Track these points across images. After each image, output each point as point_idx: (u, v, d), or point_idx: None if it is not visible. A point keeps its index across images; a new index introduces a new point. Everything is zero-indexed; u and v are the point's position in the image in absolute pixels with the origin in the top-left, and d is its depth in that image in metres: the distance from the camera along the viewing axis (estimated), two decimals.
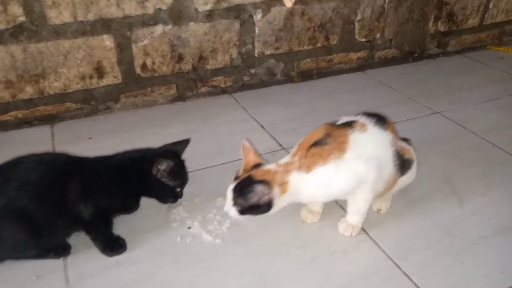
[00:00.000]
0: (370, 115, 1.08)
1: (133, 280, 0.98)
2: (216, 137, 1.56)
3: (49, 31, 1.46)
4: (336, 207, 1.22)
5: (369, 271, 1.03)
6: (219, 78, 1.83)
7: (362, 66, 2.12)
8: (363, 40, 2.07)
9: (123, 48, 1.59)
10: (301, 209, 1.17)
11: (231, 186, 1.01)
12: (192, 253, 1.06)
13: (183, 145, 1.18)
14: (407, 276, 1.02)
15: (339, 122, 1.08)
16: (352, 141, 1.01)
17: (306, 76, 2.00)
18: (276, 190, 0.98)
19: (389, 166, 1.05)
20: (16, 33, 1.42)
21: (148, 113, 1.71)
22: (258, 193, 0.96)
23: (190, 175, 1.17)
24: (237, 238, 1.11)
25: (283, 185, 0.99)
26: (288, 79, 1.97)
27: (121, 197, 1.08)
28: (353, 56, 2.09)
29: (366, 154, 1.01)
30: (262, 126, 1.64)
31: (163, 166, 1.08)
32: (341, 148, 1.00)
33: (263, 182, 0.97)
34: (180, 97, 1.79)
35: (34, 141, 1.50)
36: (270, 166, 1.02)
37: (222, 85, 1.85)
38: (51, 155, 1.05)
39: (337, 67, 2.07)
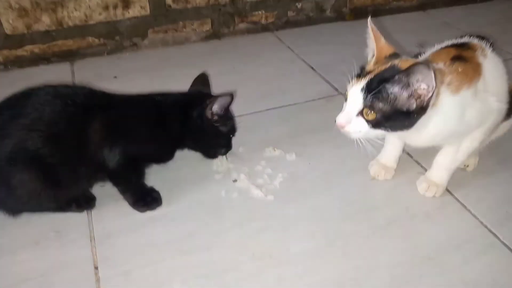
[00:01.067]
0: (478, 37, 0.84)
1: (169, 241, 0.81)
2: (259, 80, 1.34)
3: None
4: (411, 161, 1.01)
5: (460, 240, 0.82)
6: (260, 12, 1.58)
7: (423, 4, 1.83)
8: None
9: None
10: (370, 163, 0.96)
11: (358, 84, 0.73)
12: (239, 210, 0.88)
13: (205, 82, 1.00)
14: (508, 247, 0.81)
15: (449, 44, 0.86)
16: (482, 66, 0.79)
17: (360, 13, 1.72)
18: (439, 88, 0.71)
19: (504, 105, 0.83)
20: None
21: (180, 52, 1.49)
22: (419, 80, 0.68)
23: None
24: (293, 195, 0.91)
25: (437, 94, 0.72)
26: (339, 17, 1.71)
27: (156, 145, 0.89)
28: None
29: (491, 86, 0.78)
30: (312, 68, 1.40)
31: (220, 107, 0.90)
32: (478, 71, 0.78)
33: (426, 65, 0.68)
34: (215, 34, 1.56)
35: (53, 80, 1.30)
36: (419, 60, 0.76)
37: (263, 21, 1.61)
38: (70, 87, 0.86)
39: (396, 4, 1.79)
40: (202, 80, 1.00)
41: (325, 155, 1.02)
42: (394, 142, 0.93)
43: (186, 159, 0.98)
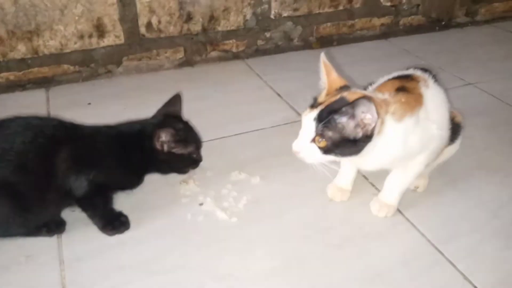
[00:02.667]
0: (422, 69, 0.93)
1: (137, 263, 0.85)
2: (228, 106, 1.41)
3: None
4: (366, 183, 1.08)
5: (408, 257, 0.89)
6: (231, 41, 1.66)
7: (385, 33, 1.95)
8: (389, 4, 1.88)
9: (126, 3, 1.42)
10: (328, 186, 1.03)
11: (311, 114, 0.80)
12: (205, 233, 0.93)
13: (177, 103, 1.03)
14: (451, 263, 0.88)
15: (395, 75, 0.93)
16: (424, 96, 0.87)
17: (326, 42, 1.82)
18: (383, 118, 0.78)
19: (446, 131, 0.91)
20: None
21: (153, 78, 1.55)
22: (364, 112, 0.75)
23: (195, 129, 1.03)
24: (255, 217, 0.97)
25: (381, 123, 0.79)
26: (306, 45, 1.80)
27: (120, 173, 0.93)
28: (377, 22, 1.90)
29: (432, 114, 0.87)
30: (278, 95, 1.48)
31: (166, 137, 0.93)
32: (420, 101, 0.85)
33: (368, 99, 0.75)
34: (188, 62, 1.63)
35: (28, 106, 1.35)
36: (365, 92, 0.83)
37: (234, 50, 1.68)
38: (40, 119, 0.90)
39: (359, 33, 1.89)
40: (175, 100, 1.03)
41: (287, 178, 1.09)
42: (348, 166, 1.01)
43: (154, 184, 1.02)
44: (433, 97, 0.91)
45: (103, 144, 0.91)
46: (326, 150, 0.80)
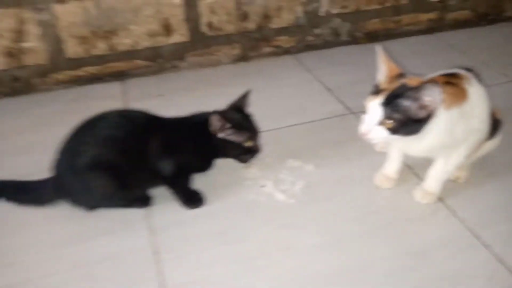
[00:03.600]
0: (465, 69, 1.03)
1: (211, 233, 1.02)
2: (280, 99, 1.54)
3: None
4: (411, 174, 1.19)
5: (446, 240, 1.01)
6: (282, 38, 1.79)
7: (431, 28, 2.00)
8: (435, 0, 1.94)
9: (190, 5, 1.58)
10: (375, 174, 1.16)
11: (375, 100, 0.90)
12: (266, 210, 1.09)
13: (245, 97, 1.15)
14: (486, 247, 0.99)
15: (441, 73, 1.03)
16: (468, 92, 0.97)
17: (372, 37, 1.91)
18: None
19: (486, 127, 1.01)
20: None
21: (213, 73, 1.71)
22: (432, 95, 0.85)
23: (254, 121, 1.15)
24: (310, 199, 1.11)
25: None
26: (353, 40, 1.90)
27: (197, 156, 1.10)
28: (423, 17, 1.97)
29: (474, 109, 0.97)
30: (328, 88, 1.60)
31: (216, 122, 1.05)
32: (465, 95, 0.95)
33: (434, 83, 0.85)
34: (243, 57, 1.77)
35: (107, 97, 1.55)
36: (421, 79, 0.93)
37: (285, 45, 1.81)
38: (133, 112, 1.08)
39: (406, 28, 1.96)
40: (243, 95, 1.15)
41: (337, 166, 1.22)
42: (395, 157, 1.12)
43: (223, 168, 1.18)
44: (475, 94, 1.00)
45: (183, 133, 1.07)
46: (393, 131, 0.90)
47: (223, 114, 1.06)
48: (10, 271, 0.94)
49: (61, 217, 1.05)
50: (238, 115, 1.11)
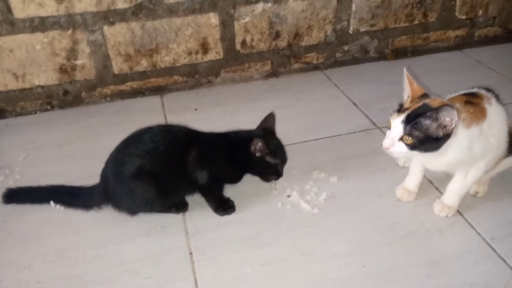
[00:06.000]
0: (485, 89, 1.09)
1: (242, 238, 1.12)
2: (309, 113, 1.63)
3: (164, 9, 1.61)
4: (431, 187, 1.25)
5: (463, 251, 1.06)
6: (312, 54, 1.88)
7: (460, 45, 2.04)
8: (464, 17, 1.98)
9: (226, 25, 1.70)
10: (397, 188, 1.22)
11: (399, 117, 0.97)
12: (292, 219, 1.17)
13: (271, 120, 1.25)
14: (503, 259, 1.03)
15: (461, 93, 1.10)
16: (487, 111, 1.03)
17: (400, 53, 1.97)
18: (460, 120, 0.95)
19: (503, 144, 1.06)
20: (137, 11, 1.59)
21: (245, 88, 1.82)
22: (447, 116, 0.92)
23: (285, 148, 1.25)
24: (333, 209, 1.19)
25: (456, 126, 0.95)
26: (381, 57, 1.96)
27: (230, 169, 1.20)
28: (451, 34, 2.01)
29: (492, 128, 1.03)
30: (354, 104, 1.67)
31: (259, 145, 1.16)
32: (484, 114, 1.02)
33: (451, 106, 0.92)
34: (273, 73, 1.87)
35: (147, 110, 1.68)
36: (442, 100, 1.00)
37: (314, 62, 1.90)
38: (175, 126, 1.20)
39: (433, 45, 2.01)
40: (269, 118, 1.26)
41: (361, 179, 1.29)
42: (416, 171, 1.18)
43: (252, 178, 1.27)
44: (494, 113, 1.06)
45: (219, 147, 1.18)
46: (412, 147, 0.97)
47: (264, 138, 1.17)
48: (61, 266, 1.06)
49: (107, 220, 1.17)
50: (275, 141, 1.22)
